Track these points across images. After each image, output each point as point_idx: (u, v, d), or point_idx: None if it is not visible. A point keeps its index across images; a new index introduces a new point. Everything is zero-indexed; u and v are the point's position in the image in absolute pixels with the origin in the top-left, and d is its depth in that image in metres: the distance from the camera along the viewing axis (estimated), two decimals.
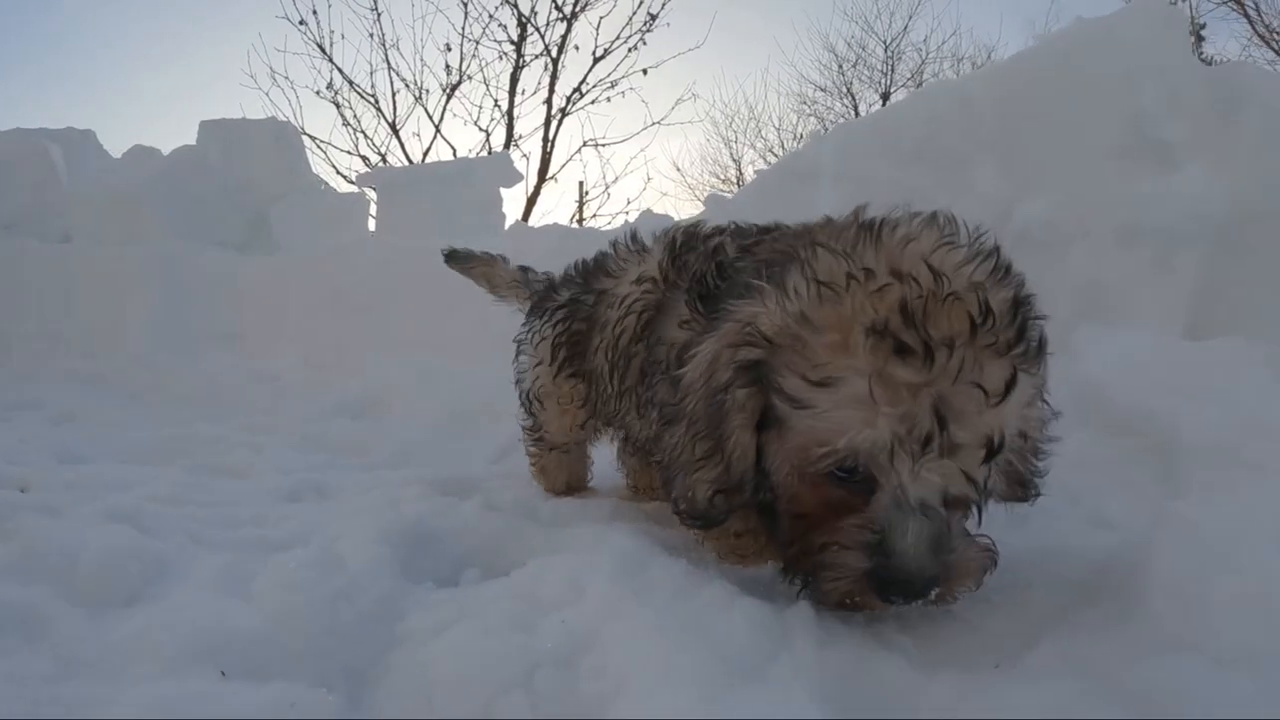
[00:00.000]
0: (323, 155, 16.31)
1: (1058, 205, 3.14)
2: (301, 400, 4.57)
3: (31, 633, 1.21)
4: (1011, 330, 1.23)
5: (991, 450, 1.21)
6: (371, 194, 8.26)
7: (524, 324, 2.37)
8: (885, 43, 24.17)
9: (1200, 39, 20.35)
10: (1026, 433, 1.35)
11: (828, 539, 1.31)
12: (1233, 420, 1.93)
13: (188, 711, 0.91)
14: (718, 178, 25.37)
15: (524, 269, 2.74)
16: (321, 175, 10.36)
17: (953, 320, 1.21)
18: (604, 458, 2.46)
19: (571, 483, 2.39)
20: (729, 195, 5.60)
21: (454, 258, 2.97)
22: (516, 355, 2.30)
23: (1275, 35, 18.88)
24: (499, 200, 8.05)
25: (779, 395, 1.29)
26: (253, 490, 2.46)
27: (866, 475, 1.26)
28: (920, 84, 23.41)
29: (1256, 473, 1.73)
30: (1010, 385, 1.21)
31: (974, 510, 1.34)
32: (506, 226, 7.81)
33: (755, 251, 1.61)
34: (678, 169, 29.68)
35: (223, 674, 1.03)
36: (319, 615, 1.23)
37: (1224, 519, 1.41)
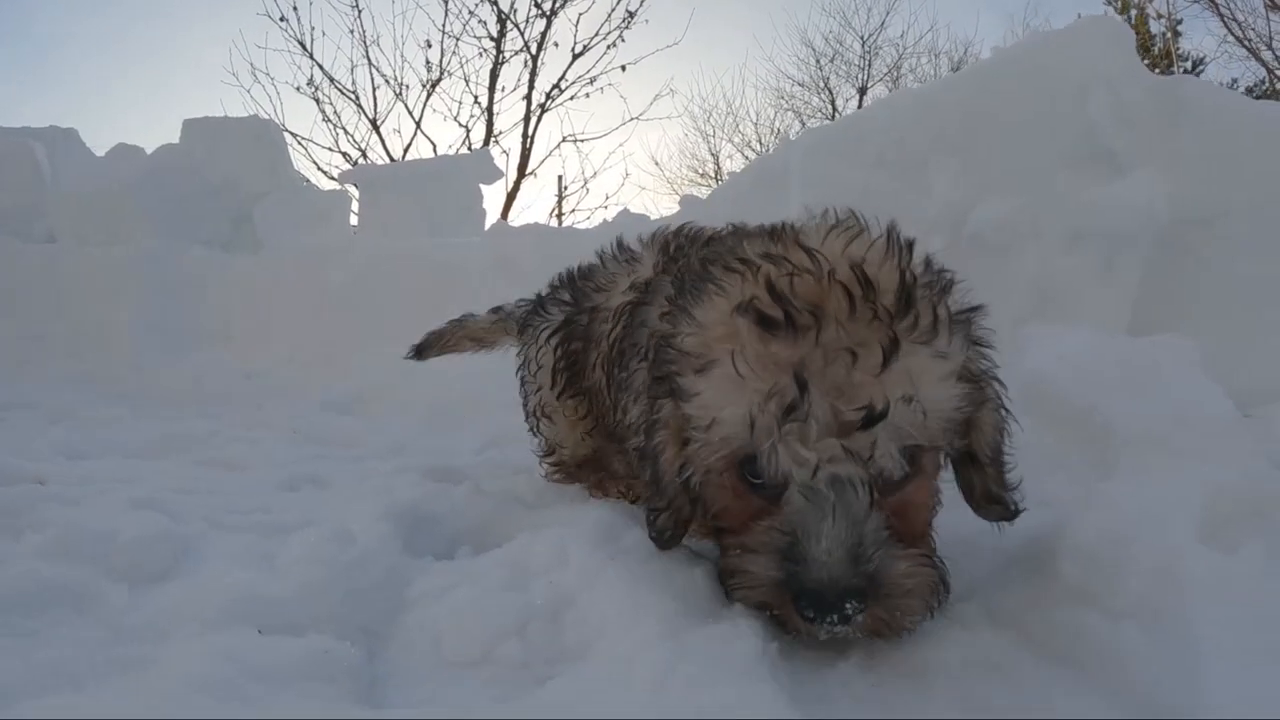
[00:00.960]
0: (304, 152, 16.38)
1: (1011, 209, 3.31)
2: (290, 397, 4.66)
3: (81, 605, 1.34)
4: (895, 303, 1.17)
5: (871, 418, 1.13)
6: (354, 191, 8.35)
7: (518, 353, 2.36)
8: (863, 38, 24.55)
9: (1176, 34, 20.67)
10: (949, 416, 1.22)
11: (736, 540, 1.28)
12: (1164, 413, 2.08)
13: (235, 658, 1.06)
14: (696, 172, 25.68)
15: (496, 309, 2.68)
16: (303, 172, 10.45)
17: (824, 292, 1.17)
18: None
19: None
20: (703, 195, 5.75)
21: (425, 348, 2.81)
22: (521, 387, 2.31)
23: (1248, 33, 19.25)
24: (480, 197, 8.15)
25: (680, 396, 1.28)
26: (253, 482, 2.56)
27: (775, 482, 1.21)
28: (897, 79, 23.72)
29: (1179, 459, 1.88)
30: (890, 354, 1.13)
31: (873, 495, 1.20)
32: (487, 225, 7.92)
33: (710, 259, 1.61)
34: (656, 163, 29.95)
35: (259, 632, 1.19)
36: (338, 583, 1.39)
37: (1142, 498, 1.58)
